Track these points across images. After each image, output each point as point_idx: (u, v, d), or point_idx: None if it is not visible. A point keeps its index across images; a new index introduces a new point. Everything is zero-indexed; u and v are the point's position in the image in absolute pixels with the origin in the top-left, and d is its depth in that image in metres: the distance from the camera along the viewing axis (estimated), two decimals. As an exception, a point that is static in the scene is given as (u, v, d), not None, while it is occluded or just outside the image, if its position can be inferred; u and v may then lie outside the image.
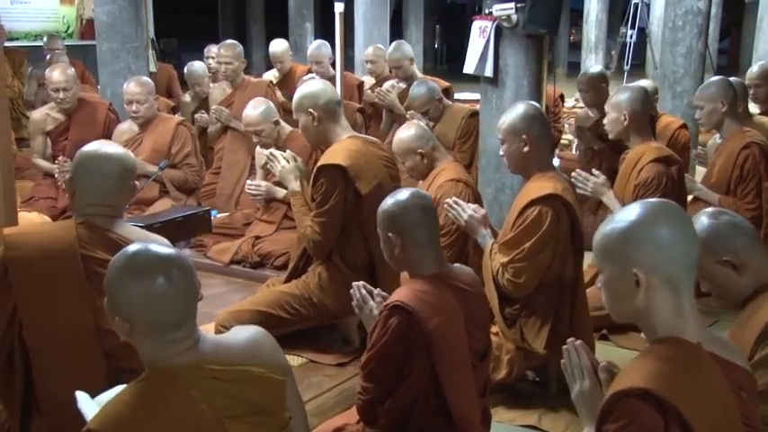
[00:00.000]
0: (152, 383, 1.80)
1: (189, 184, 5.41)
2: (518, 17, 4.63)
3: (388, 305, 2.56)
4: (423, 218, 2.65)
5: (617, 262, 1.72)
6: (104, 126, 5.62)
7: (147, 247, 1.87)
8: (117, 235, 2.65)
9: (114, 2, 5.92)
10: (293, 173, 3.74)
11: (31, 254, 2.57)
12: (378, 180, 3.53)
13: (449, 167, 4.04)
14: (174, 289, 1.81)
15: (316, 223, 3.52)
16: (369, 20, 8.92)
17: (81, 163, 2.69)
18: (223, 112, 5.91)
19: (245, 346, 1.93)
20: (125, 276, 1.82)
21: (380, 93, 6.19)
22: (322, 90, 3.62)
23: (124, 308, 1.82)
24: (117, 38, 5.95)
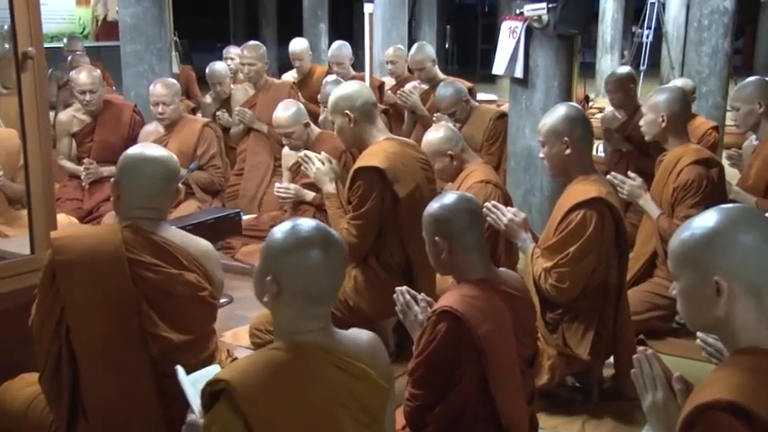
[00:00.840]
0: (285, 353, 1.87)
1: (214, 185, 5.38)
2: (549, 17, 4.60)
3: (437, 310, 2.52)
4: (470, 222, 2.62)
5: (697, 269, 1.68)
6: (129, 127, 5.60)
7: (310, 221, 1.97)
8: (161, 237, 2.63)
9: (138, 3, 5.92)
10: (328, 174, 3.71)
11: (79, 257, 2.55)
12: (415, 182, 3.50)
13: (478, 169, 4.02)
14: (327, 264, 1.90)
15: (352, 226, 3.49)
16: (387, 20, 8.89)
17: (126, 166, 2.66)
18: (246, 114, 5.89)
19: (369, 348, 2.03)
20: (288, 240, 1.90)
21: (403, 94, 6.15)
22: (358, 91, 3.59)
23: (279, 270, 1.89)
24: (141, 39, 5.95)
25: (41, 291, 2.56)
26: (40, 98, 3.17)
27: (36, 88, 3.14)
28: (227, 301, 4.33)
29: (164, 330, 2.58)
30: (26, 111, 3.12)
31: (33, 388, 2.75)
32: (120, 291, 2.54)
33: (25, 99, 3.12)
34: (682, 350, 3.75)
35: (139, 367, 2.57)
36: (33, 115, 3.14)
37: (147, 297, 2.58)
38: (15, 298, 2.99)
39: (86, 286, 2.53)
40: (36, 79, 3.14)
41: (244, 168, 5.94)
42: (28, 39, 3.10)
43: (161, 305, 2.59)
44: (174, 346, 2.59)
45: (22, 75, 3.10)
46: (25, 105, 3.12)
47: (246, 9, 18.61)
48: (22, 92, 3.12)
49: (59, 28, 11.46)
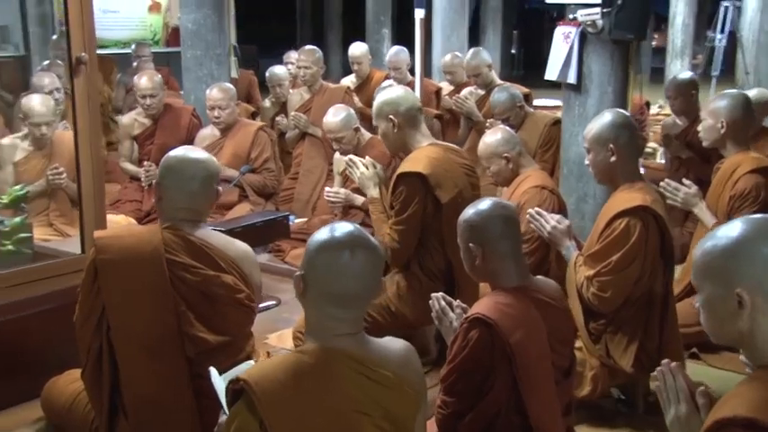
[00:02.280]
0: (312, 358, 1.88)
1: (267, 188, 5.45)
2: (604, 22, 4.53)
3: (469, 317, 2.51)
4: (505, 228, 2.59)
5: (719, 281, 1.63)
6: (188, 131, 5.72)
7: (351, 225, 1.99)
8: (199, 239, 2.68)
9: (199, 10, 6.04)
10: (372, 179, 3.72)
11: (120, 257, 2.62)
12: (458, 188, 3.49)
13: (534, 174, 3.98)
14: (354, 268, 1.89)
15: (394, 231, 3.49)
16: (446, 26, 8.88)
17: (167, 167, 2.73)
18: (301, 119, 5.95)
19: (400, 357, 2.02)
20: (321, 240, 1.93)
21: (458, 100, 6.14)
22: (403, 97, 3.59)
23: (308, 267, 1.92)
24: (201, 45, 6.07)
25: (84, 289, 2.64)
26: (92, 102, 3.27)
27: (88, 92, 3.25)
28: (274, 304, 4.38)
29: (200, 331, 2.63)
30: (78, 114, 3.22)
31: (78, 384, 2.83)
32: (159, 290, 2.60)
33: (78, 103, 3.23)
34: (737, 365, 3.62)
35: (176, 367, 2.62)
36: (85, 118, 3.25)
37: (185, 298, 2.63)
38: (65, 296, 3.09)
39: (126, 285, 2.60)
40: (88, 84, 3.25)
41: (299, 172, 5.99)
42: (81, 44, 3.21)
43: (198, 306, 2.64)
44: (210, 347, 2.63)
45: (75, 79, 3.21)
46: (78, 109, 3.22)
47: (312, 14, 18.79)
48: (75, 96, 3.22)
49: (132, 34, 11.73)
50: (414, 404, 1.99)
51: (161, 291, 2.60)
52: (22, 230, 3.15)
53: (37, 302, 3.13)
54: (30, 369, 3.05)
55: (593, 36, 4.59)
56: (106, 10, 12.09)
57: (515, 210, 2.70)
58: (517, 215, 2.69)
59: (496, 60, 15.26)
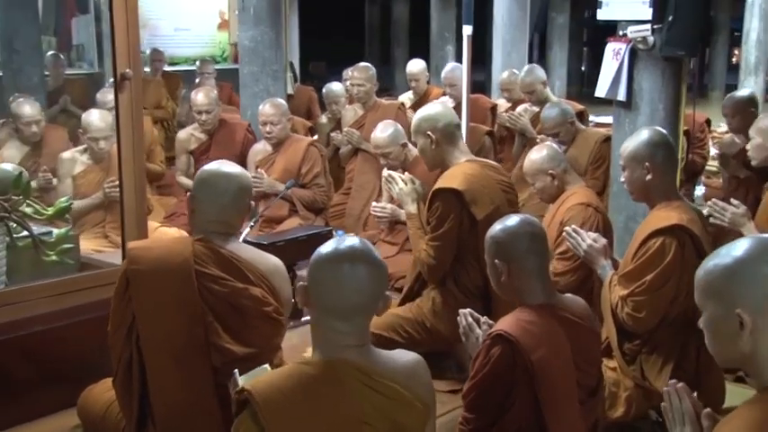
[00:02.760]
0: (316, 369, 1.91)
1: (317, 203, 5.51)
2: (655, 39, 4.47)
3: (491, 334, 2.51)
4: (531, 245, 2.58)
5: (719, 301, 1.61)
6: (242, 146, 5.84)
7: (354, 239, 2.02)
8: (229, 252, 2.72)
9: (256, 27, 6.16)
10: (411, 195, 3.74)
11: (151, 267, 2.68)
12: (495, 205, 3.48)
13: (579, 191, 3.95)
14: (352, 280, 1.91)
15: (430, 247, 3.50)
16: (507, 42, 8.85)
17: (201, 181, 2.79)
18: (354, 135, 6.01)
19: (407, 370, 2.03)
20: (323, 253, 1.96)
21: (512, 116, 6.13)
22: (441, 113, 3.62)
23: (310, 280, 1.96)
24: (257, 61, 6.19)
25: (116, 298, 2.71)
26: (136, 117, 3.37)
27: (132, 108, 3.35)
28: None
29: (227, 342, 2.67)
30: (122, 129, 3.33)
31: (112, 392, 2.88)
32: (187, 301, 2.65)
33: (121, 117, 3.33)
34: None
35: (203, 377, 2.66)
36: (128, 133, 3.35)
37: (213, 309, 2.68)
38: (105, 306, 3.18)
39: (156, 295, 2.66)
40: (132, 99, 3.35)
41: (351, 188, 6.05)
42: (126, 61, 3.32)
43: (226, 317, 2.69)
44: (236, 358, 2.67)
45: (119, 95, 3.31)
46: (121, 123, 3.33)
47: (381, 31, 18.97)
48: (119, 111, 3.32)
49: (202, 51, 12.04)
50: (421, 416, 1.99)
51: (189, 301, 2.65)
52: (66, 241, 3.25)
53: (78, 312, 3.23)
54: (70, 377, 3.14)
55: (644, 53, 4.54)
56: (178, 28, 12.47)
57: (542, 227, 2.69)
58: (544, 232, 2.68)
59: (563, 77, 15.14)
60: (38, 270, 3.30)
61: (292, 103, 8.12)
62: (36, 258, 3.24)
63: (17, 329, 3.18)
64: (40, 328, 3.24)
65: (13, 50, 7.56)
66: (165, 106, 8.02)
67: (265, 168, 5.43)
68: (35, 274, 3.30)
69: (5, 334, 3.16)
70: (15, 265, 3.26)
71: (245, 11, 6.15)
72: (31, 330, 3.21)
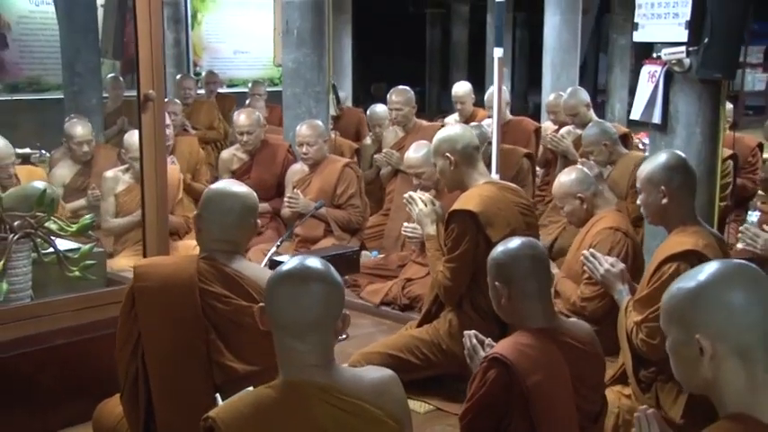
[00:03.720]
0: (277, 392, 1.91)
1: (352, 224, 5.54)
2: (691, 61, 4.38)
3: (488, 357, 2.49)
4: (532, 268, 2.56)
5: (681, 326, 1.57)
6: (282, 167, 5.92)
7: (313, 258, 2.02)
8: (232, 270, 2.75)
9: (299, 50, 6.25)
10: (430, 216, 3.74)
11: (156, 284, 2.72)
12: (511, 227, 3.45)
13: (609, 215, 3.89)
14: (303, 298, 1.91)
15: (446, 269, 3.49)
16: (557, 65, 8.79)
17: (206, 199, 2.83)
18: (393, 156, 6.03)
19: (372, 385, 1.99)
20: (279, 272, 1.97)
21: (555, 139, 6.07)
22: (460, 134, 3.62)
23: (266, 299, 1.96)
24: (300, 83, 6.27)
25: (122, 314, 2.76)
26: (159, 138, 3.45)
27: (155, 128, 3.43)
28: (342, 338, 4.42)
29: (229, 360, 2.69)
30: (145, 148, 3.41)
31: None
32: (191, 318, 2.68)
33: (144, 138, 3.41)
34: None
35: (205, 395, 2.68)
36: (151, 153, 3.43)
37: (216, 326, 2.70)
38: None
39: (160, 312, 2.70)
40: (155, 120, 3.43)
41: (390, 209, 6.06)
42: (150, 82, 3.39)
43: (229, 335, 2.71)
44: (238, 376, 2.69)
45: (142, 115, 3.39)
46: (144, 144, 3.41)
47: (441, 53, 19.01)
48: (142, 131, 3.41)
49: (260, 73, 12.27)
50: (390, 429, 1.94)
51: (193, 318, 2.68)
52: (90, 257, 3.33)
53: (100, 326, 3.30)
54: (90, 390, 3.20)
55: (680, 75, 4.45)
56: (237, 51, 12.76)
57: (544, 250, 2.65)
58: (545, 255, 2.65)
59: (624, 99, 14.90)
60: (63, 285, 3.39)
61: (341, 124, 8.22)
62: (61, 274, 3.32)
63: (41, 342, 3.27)
64: (63, 341, 3.32)
65: (74, 73, 7.83)
66: (217, 127, 8.17)
67: (302, 189, 5.49)
68: (60, 289, 3.39)
69: (30, 346, 3.25)
70: (41, 280, 3.35)
71: (289, 33, 6.25)
72: (53, 343, 3.30)
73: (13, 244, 3.10)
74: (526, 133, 6.72)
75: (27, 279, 3.27)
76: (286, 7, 6.29)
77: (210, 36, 12.61)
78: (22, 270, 3.21)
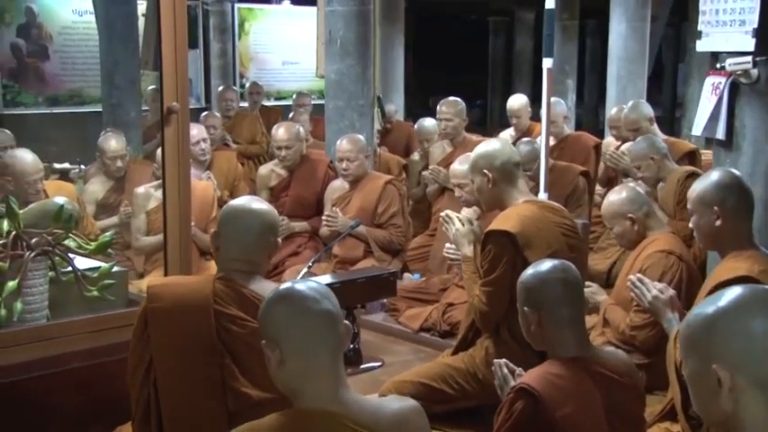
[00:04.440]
0: (286, 417, 1.98)
1: (394, 245, 5.56)
2: (759, 72, 4.30)
3: (515, 387, 2.49)
4: (564, 293, 2.56)
5: (698, 355, 1.55)
6: (323, 183, 5.98)
7: (308, 281, 2.17)
8: (250, 291, 2.78)
9: (342, 61, 6.31)
10: (467, 237, 3.75)
11: (170, 305, 2.78)
12: (551, 249, 3.43)
13: (662, 238, 3.86)
14: (306, 317, 2.00)
15: (482, 293, 3.49)
16: (622, 77, 8.69)
17: (224, 216, 2.88)
18: (440, 173, 6.03)
19: (393, 416, 2.02)
20: (275, 295, 2.07)
21: (613, 156, 6.00)
22: (499, 150, 3.63)
23: (272, 328, 2.04)
24: (343, 96, 6.33)
25: (134, 337, 2.82)
26: (182, 152, 3.51)
27: (179, 142, 3.50)
28: (377, 365, 4.44)
29: (243, 386, 2.72)
30: (167, 163, 3.48)
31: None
32: (205, 341, 2.73)
33: (167, 152, 3.48)
34: None
35: (218, 422, 2.73)
36: (174, 168, 3.50)
37: (231, 350, 2.74)
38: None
39: (173, 334, 2.75)
40: (179, 134, 3.50)
41: (437, 229, 6.06)
42: (174, 94, 3.47)
43: (243, 359, 2.74)
44: (252, 403, 2.71)
45: (165, 129, 3.47)
46: (167, 158, 3.48)
47: (504, 64, 18.98)
48: (165, 145, 3.48)
49: (309, 85, 12.40)
50: None
51: (207, 341, 2.72)
52: (108, 277, 3.40)
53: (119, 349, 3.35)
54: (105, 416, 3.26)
55: (747, 87, 4.37)
56: (286, 62, 12.95)
57: (577, 273, 2.64)
58: (578, 279, 2.64)
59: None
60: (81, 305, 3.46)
61: (389, 138, 8.28)
62: (79, 294, 3.41)
63: (56, 365, 3.34)
64: (80, 364, 3.39)
65: (113, 85, 8.04)
66: (260, 141, 8.27)
67: (341, 207, 5.54)
68: (78, 310, 3.47)
69: (45, 369, 3.32)
70: (58, 300, 3.44)
71: (332, 43, 6.32)
72: (70, 366, 3.37)
73: (29, 262, 3.19)
74: (585, 149, 6.67)
75: (43, 298, 3.35)
76: (329, 16, 6.36)
77: (258, 46, 12.82)
78: (39, 289, 3.29)
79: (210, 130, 7.05)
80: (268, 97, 12.09)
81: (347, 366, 4.14)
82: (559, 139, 6.69)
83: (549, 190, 5.20)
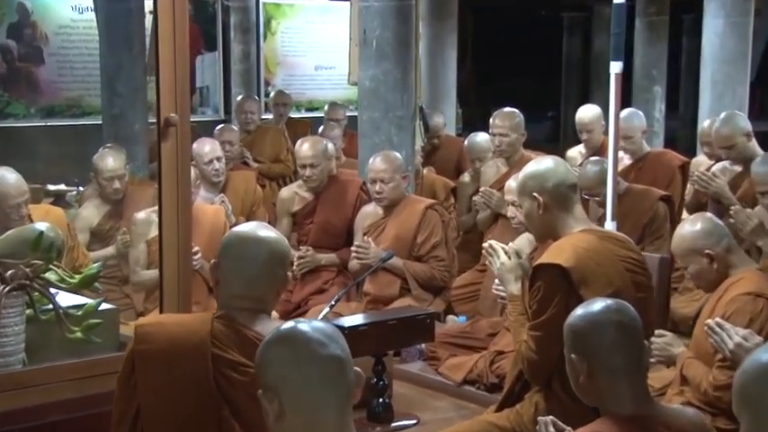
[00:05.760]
0: None
1: (435, 281, 5.60)
2: None
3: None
4: (619, 339, 2.60)
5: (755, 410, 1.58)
6: (354, 207, 6.07)
7: (314, 321, 2.22)
8: (254, 333, 2.82)
9: (378, 65, 6.35)
10: (514, 272, 3.77)
11: (161, 348, 2.84)
12: (613, 287, 3.44)
13: (749, 277, 3.83)
14: (309, 363, 2.08)
15: (531, 338, 3.52)
16: (718, 82, 8.64)
17: (226, 246, 2.95)
18: (493, 196, 6.07)
19: None
20: (274, 336, 2.16)
21: (703, 177, 5.95)
22: (552, 170, 3.65)
23: (270, 375, 2.13)
24: (379, 106, 6.37)
25: (120, 383, 2.89)
26: (182, 171, 3.59)
27: (177, 160, 3.58)
28: (412, 423, 4.47)
29: (243, 442, 2.79)
30: (164, 184, 3.55)
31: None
32: (200, 391, 2.78)
33: (164, 171, 3.56)
34: None
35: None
36: (172, 190, 3.57)
37: (230, 401, 2.80)
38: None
39: (164, 381, 2.81)
40: (179, 150, 3.57)
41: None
42: (172, 104, 3.54)
43: (245, 413, 2.78)
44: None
45: (162, 144, 3.56)
46: (164, 178, 3.56)
47: (581, 69, 18.94)
48: (162, 162, 3.57)
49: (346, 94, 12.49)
50: None
51: (202, 391, 2.77)
52: (95, 315, 3.47)
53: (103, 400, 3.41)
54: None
55: None
56: (319, 66, 12.93)
57: (635, 316, 2.67)
58: (637, 322, 2.66)
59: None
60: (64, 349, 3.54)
61: (437, 156, 8.33)
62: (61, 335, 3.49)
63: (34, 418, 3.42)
64: (61, 417, 3.46)
65: (114, 93, 8.19)
66: (285, 159, 8.32)
67: (374, 236, 5.60)
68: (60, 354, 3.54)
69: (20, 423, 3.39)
70: (37, 342, 3.52)
71: (367, 44, 6.38)
72: (49, 419, 3.44)
73: (3, 297, 3.27)
74: (668, 170, 6.66)
75: (19, 341, 3.41)
76: (364, 12, 6.43)
77: (287, 48, 12.86)
78: (14, 330, 3.36)
79: (226, 146, 7.15)
80: (298, 108, 12.15)
81: (376, 424, 4.21)
82: (637, 157, 6.69)
83: (623, 219, 5.20)
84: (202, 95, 12.39)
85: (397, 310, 4.96)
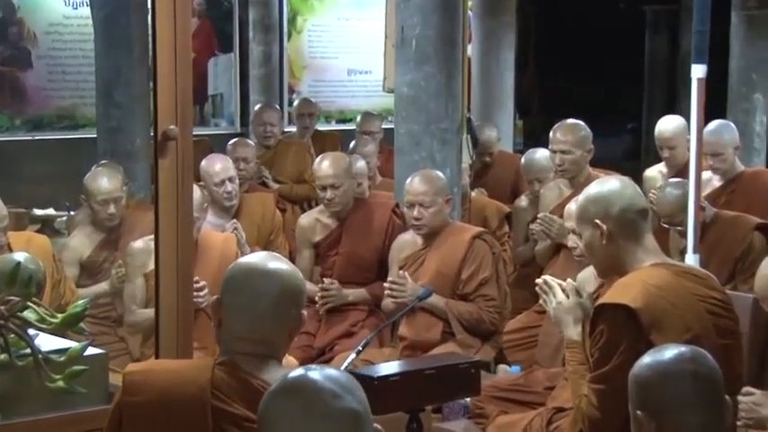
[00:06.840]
0: None
1: (484, 324, 5.59)
2: None
3: None
4: (694, 394, 2.59)
5: None
6: (385, 235, 6.10)
7: (327, 368, 2.25)
8: (261, 382, 2.83)
9: (418, 69, 6.34)
10: (572, 313, 3.76)
11: (152, 399, 2.86)
12: (690, 333, 3.43)
13: None
14: (319, 418, 2.12)
15: (592, 391, 3.50)
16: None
17: (229, 280, 2.95)
18: (555, 223, 6.05)
19: None
20: (280, 386, 2.20)
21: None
22: (617, 193, 3.64)
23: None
24: (419, 117, 6.35)
25: (104, 441, 2.94)
26: (182, 190, 3.64)
27: (178, 178, 3.63)
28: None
29: None
30: (161, 208, 3.61)
31: None
32: (198, 449, 2.83)
33: (162, 191, 3.61)
34: None
35: None
36: (171, 212, 3.62)
37: (232, 462, 2.84)
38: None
39: (157, 438, 2.86)
40: (179, 167, 3.63)
41: (549, 303, 6.07)
42: (171, 116, 3.60)
43: (250, 476, 2.83)
44: None
45: (160, 160, 3.61)
46: (161, 199, 3.61)
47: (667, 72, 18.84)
48: (159, 181, 3.62)
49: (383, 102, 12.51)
50: None
51: (201, 448, 2.82)
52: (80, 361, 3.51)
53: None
54: None
55: None
56: (353, 70, 12.88)
57: (713, 365, 2.66)
58: (716, 373, 2.65)
59: None
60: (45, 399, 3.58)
61: (490, 176, 8.33)
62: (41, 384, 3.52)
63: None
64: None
65: (111, 103, 8.26)
66: (310, 180, 8.35)
67: (411, 270, 5.60)
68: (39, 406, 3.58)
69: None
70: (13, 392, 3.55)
71: (405, 44, 6.39)
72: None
73: (-27, 339, 3.33)
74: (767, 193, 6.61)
75: (-8, 389, 3.48)
76: (402, 8, 6.43)
77: (315, 49, 12.80)
78: (-14, 377, 3.43)
79: (241, 163, 7.18)
80: (327, 119, 12.16)
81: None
82: (728, 178, 6.65)
83: (710, 251, 5.19)
84: (215, 104, 12.40)
85: (438, 357, 4.94)
